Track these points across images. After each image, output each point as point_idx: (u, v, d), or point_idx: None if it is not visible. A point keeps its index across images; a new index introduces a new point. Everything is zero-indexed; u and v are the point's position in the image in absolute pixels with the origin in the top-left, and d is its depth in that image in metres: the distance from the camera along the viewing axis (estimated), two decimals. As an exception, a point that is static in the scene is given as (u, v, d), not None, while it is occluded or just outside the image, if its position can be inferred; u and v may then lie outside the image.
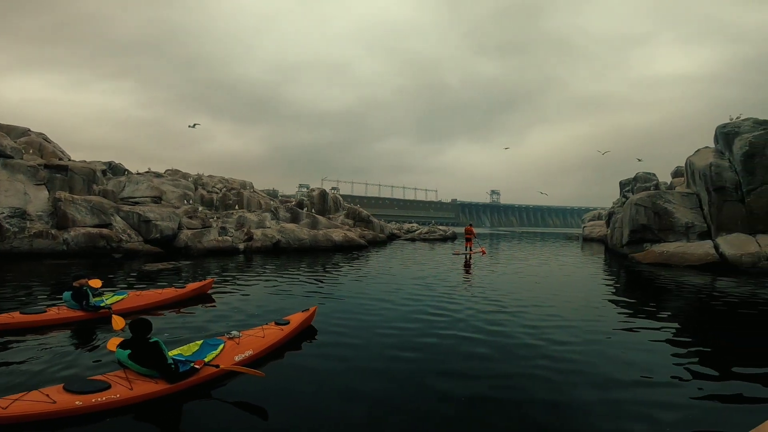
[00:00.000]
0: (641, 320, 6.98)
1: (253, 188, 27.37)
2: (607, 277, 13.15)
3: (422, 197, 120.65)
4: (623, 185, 26.95)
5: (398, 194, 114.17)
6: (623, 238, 19.15)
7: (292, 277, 11.12)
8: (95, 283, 6.94)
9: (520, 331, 6.10)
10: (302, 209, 24.57)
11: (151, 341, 3.86)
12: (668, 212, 16.99)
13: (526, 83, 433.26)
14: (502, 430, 3.40)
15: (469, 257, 17.19)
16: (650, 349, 5.47)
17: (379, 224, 28.87)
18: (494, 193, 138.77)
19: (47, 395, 3.38)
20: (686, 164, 18.87)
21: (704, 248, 15.04)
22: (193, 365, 4.01)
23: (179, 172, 24.98)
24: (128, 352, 3.85)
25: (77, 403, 3.37)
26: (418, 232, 33.10)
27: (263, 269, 12.61)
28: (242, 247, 18.16)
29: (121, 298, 6.88)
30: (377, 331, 6.01)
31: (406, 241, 29.41)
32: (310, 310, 6.12)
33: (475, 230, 20.41)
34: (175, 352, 4.27)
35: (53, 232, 14.58)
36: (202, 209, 20.39)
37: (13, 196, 14.79)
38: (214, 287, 8.68)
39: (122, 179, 20.64)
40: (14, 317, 5.76)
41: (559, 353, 5.13)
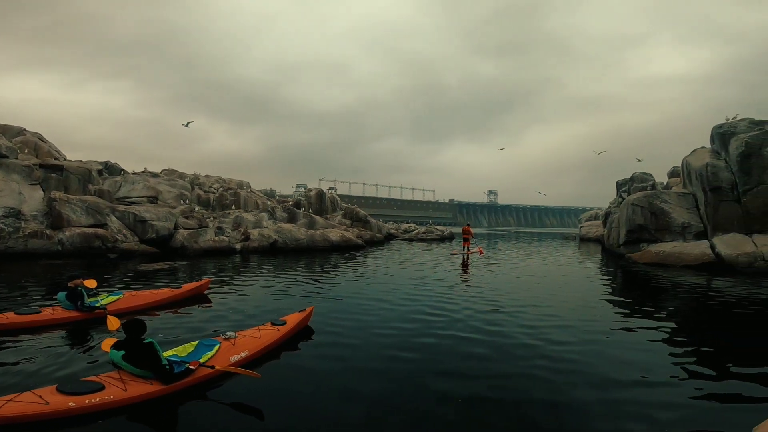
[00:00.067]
0: (638, 320, 6.99)
1: (250, 188, 27.32)
2: (604, 277, 13.18)
3: (420, 197, 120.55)
4: (620, 185, 26.98)
5: (396, 194, 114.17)
6: (620, 238, 19.21)
7: (289, 277, 11.08)
8: (90, 283, 6.85)
9: (518, 331, 6.09)
10: (299, 209, 24.51)
11: (145, 342, 3.82)
12: (665, 212, 17.05)
13: (524, 83, 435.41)
14: (500, 430, 3.39)
15: (466, 257, 17.19)
16: (648, 348, 5.47)
17: (376, 224, 28.84)
18: (492, 193, 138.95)
19: (40, 396, 3.34)
20: (682, 164, 18.95)
21: (701, 248, 15.10)
22: (188, 366, 3.97)
23: (176, 171, 24.93)
24: (122, 353, 3.82)
25: (70, 404, 3.33)
26: (415, 232, 33.08)
27: (260, 269, 12.56)
28: (239, 247, 18.09)
29: (116, 298, 6.83)
30: (375, 331, 5.98)
31: (403, 241, 29.40)
32: (306, 310, 6.08)
33: (472, 230, 20.42)
34: (170, 352, 4.24)
35: (48, 232, 14.47)
36: (198, 209, 20.32)
37: (7, 195, 14.68)
38: (210, 287, 8.63)
39: (118, 179, 20.56)
40: (9, 318, 5.71)
41: (557, 353, 5.13)
